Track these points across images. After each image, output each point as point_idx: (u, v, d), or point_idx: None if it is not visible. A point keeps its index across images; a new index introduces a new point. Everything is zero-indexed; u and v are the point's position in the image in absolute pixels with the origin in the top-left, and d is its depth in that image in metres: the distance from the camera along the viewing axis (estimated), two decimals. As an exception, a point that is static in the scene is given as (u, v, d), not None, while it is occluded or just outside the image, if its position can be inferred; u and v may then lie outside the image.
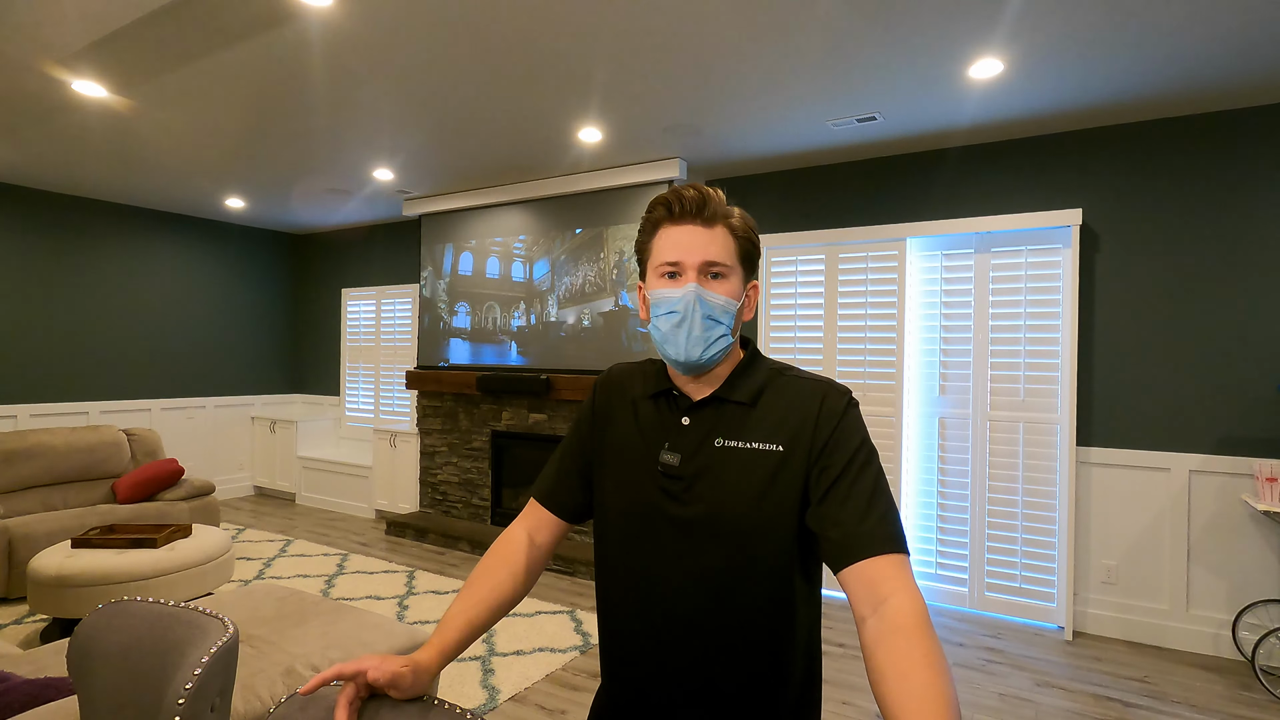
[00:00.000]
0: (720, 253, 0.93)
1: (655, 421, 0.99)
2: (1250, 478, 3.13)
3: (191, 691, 1.05)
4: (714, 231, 0.93)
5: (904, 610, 0.77)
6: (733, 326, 0.95)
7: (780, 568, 0.91)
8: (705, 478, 0.92)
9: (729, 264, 0.94)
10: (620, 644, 0.99)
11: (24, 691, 1.54)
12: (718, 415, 0.95)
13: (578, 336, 4.60)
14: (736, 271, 0.95)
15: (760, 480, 0.90)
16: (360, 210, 5.79)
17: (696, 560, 0.92)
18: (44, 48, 2.72)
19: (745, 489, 0.90)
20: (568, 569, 4.29)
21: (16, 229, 4.99)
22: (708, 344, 0.93)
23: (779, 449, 0.91)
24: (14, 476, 4.05)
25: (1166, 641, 3.30)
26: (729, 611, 0.91)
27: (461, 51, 2.74)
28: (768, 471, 0.90)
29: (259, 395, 6.67)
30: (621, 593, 0.98)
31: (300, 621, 2.30)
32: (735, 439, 0.93)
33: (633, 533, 0.97)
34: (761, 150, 3.95)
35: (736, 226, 0.95)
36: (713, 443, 0.93)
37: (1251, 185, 3.16)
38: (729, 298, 0.93)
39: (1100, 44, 2.59)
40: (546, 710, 2.65)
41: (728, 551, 0.90)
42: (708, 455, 0.93)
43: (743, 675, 0.91)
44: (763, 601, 0.91)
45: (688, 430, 0.96)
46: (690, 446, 0.94)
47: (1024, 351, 3.58)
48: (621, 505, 0.99)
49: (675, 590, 0.93)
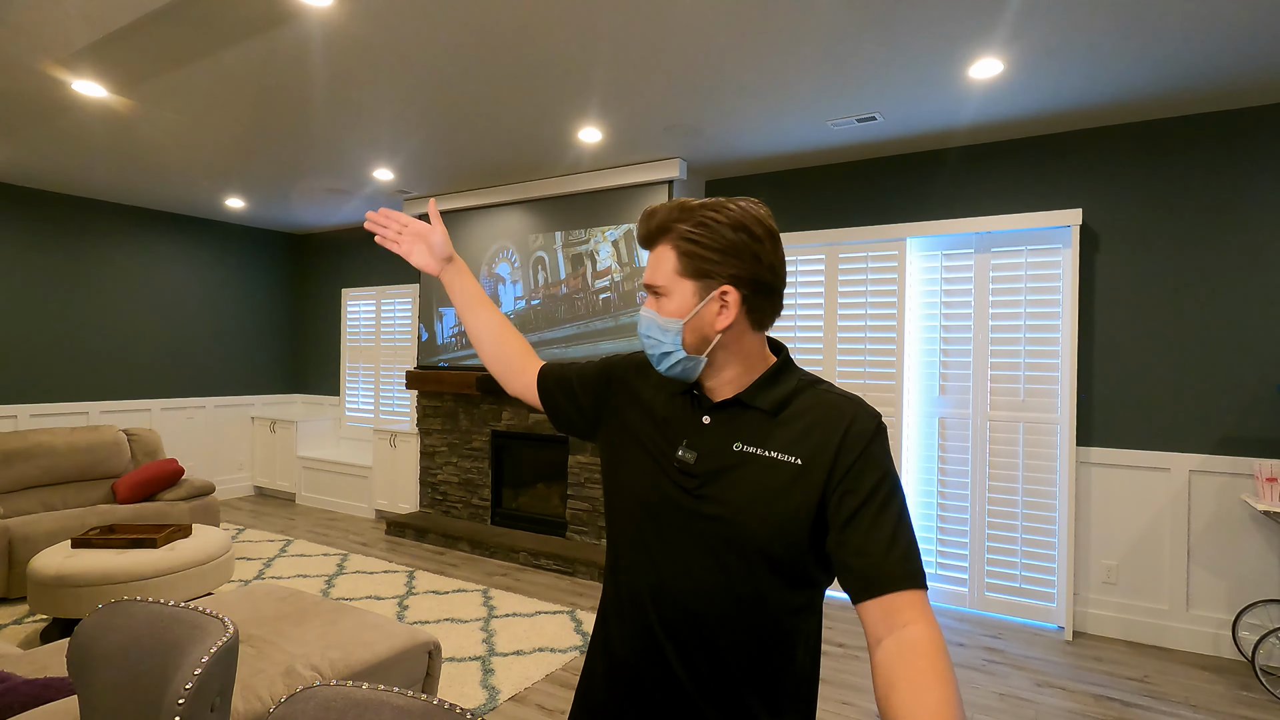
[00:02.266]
0: (656, 273, 0.94)
1: (676, 416, 0.99)
2: (1250, 478, 3.13)
3: (191, 691, 1.05)
4: (656, 253, 0.95)
5: (923, 636, 0.79)
6: (681, 341, 0.93)
7: (783, 575, 0.90)
8: (720, 480, 0.92)
9: (665, 282, 0.93)
10: (619, 611, 1.00)
11: (24, 691, 1.54)
12: (739, 420, 0.94)
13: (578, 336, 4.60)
14: (679, 287, 0.92)
15: (774, 490, 0.89)
16: (360, 210, 5.79)
17: (701, 556, 0.92)
18: (44, 48, 2.72)
19: (758, 496, 0.90)
20: (568, 569, 4.29)
21: (17, 229, 4.99)
22: (657, 359, 0.96)
23: (798, 462, 0.89)
24: (14, 476, 4.05)
25: (1166, 641, 3.30)
26: (728, 609, 0.91)
27: (462, 51, 2.74)
28: (783, 483, 0.89)
29: (259, 395, 6.67)
30: (627, 575, 1.00)
31: (300, 621, 2.30)
32: (755, 445, 0.92)
33: (643, 519, 0.98)
34: (761, 150, 3.95)
35: (678, 239, 0.91)
36: (732, 446, 0.93)
37: (1251, 185, 3.16)
38: (669, 316, 0.93)
39: (1100, 44, 2.59)
40: (546, 710, 2.65)
41: (732, 552, 0.91)
42: (725, 457, 0.93)
43: (736, 669, 0.91)
44: (762, 603, 0.91)
45: (707, 430, 0.96)
46: (708, 446, 0.94)
47: (1024, 351, 3.58)
48: (635, 491, 1.00)
49: (679, 580, 0.93)
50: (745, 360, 0.95)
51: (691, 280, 0.91)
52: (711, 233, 0.89)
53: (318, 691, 0.88)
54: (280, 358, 6.88)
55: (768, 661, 0.92)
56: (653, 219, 0.94)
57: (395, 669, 2.17)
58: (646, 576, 0.96)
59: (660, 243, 0.94)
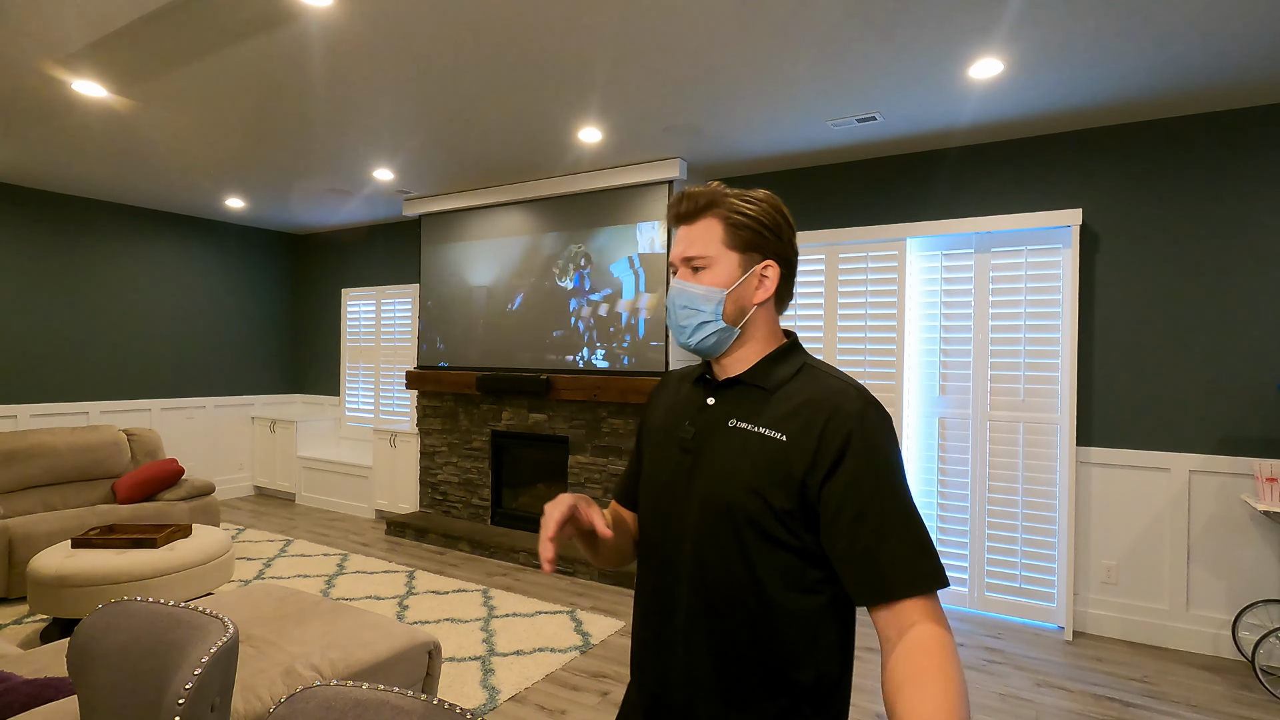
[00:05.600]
0: (701, 246, 0.96)
1: (686, 400, 1.03)
2: (1250, 478, 3.13)
3: (191, 691, 1.05)
4: (696, 226, 0.97)
5: (926, 634, 0.78)
6: (722, 311, 0.95)
7: (772, 559, 0.88)
8: (708, 454, 0.94)
9: (712, 253, 0.95)
10: (640, 608, 1.03)
11: (24, 691, 1.54)
12: (739, 397, 0.96)
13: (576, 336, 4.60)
14: (725, 258, 0.95)
15: (755, 465, 0.89)
16: (360, 210, 5.79)
17: (697, 534, 0.93)
18: (44, 48, 2.72)
19: (740, 470, 0.90)
20: (568, 569, 4.29)
21: (16, 229, 4.99)
22: (691, 330, 0.97)
23: (782, 439, 0.89)
24: (14, 476, 4.05)
25: (1166, 641, 3.30)
26: (720, 595, 0.90)
27: (462, 51, 2.74)
28: (766, 458, 0.89)
29: (259, 395, 6.67)
30: (643, 560, 1.03)
31: (300, 621, 2.30)
32: (747, 421, 0.93)
33: (654, 505, 1.01)
34: (761, 150, 3.95)
35: (728, 213, 0.95)
36: (727, 422, 0.95)
37: (1251, 185, 3.16)
38: (711, 286, 0.95)
39: (1100, 44, 2.59)
40: (546, 710, 2.65)
41: (721, 529, 0.91)
42: (718, 433, 0.95)
43: (741, 661, 0.90)
44: (760, 591, 0.89)
45: (710, 409, 0.98)
46: (707, 423, 0.97)
47: (1024, 351, 3.58)
48: (648, 476, 1.03)
49: (682, 562, 0.95)
50: (765, 338, 0.99)
51: (738, 252, 0.95)
52: (759, 210, 0.96)
53: (318, 691, 0.88)
54: (280, 358, 6.88)
55: (771, 658, 0.89)
56: (699, 195, 0.97)
57: (395, 669, 2.17)
58: (660, 553, 0.98)
59: (706, 216, 0.96)
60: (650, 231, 4.29)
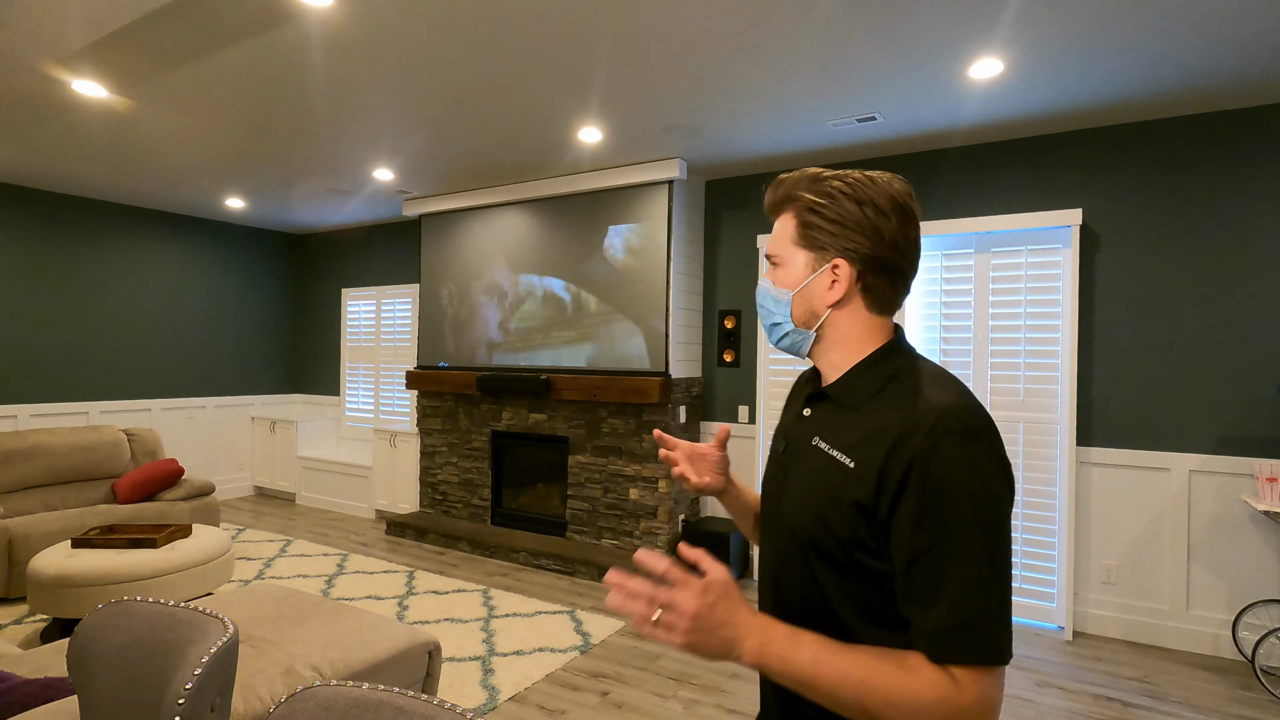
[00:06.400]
0: (776, 243, 0.92)
1: (795, 406, 0.98)
2: (1250, 478, 3.13)
3: (191, 691, 1.05)
4: (779, 221, 0.92)
5: (940, 684, 0.71)
6: (790, 314, 0.90)
7: (844, 585, 0.81)
8: (791, 473, 0.89)
9: (781, 251, 0.91)
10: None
11: (24, 691, 1.54)
12: (828, 412, 0.88)
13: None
14: (795, 256, 0.89)
15: (822, 492, 0.82)
16: (360, 210, 5.79)
17: (778, 557, 0.90)
18: (44, 48, 2.72)
19: (810, 496, 0.84)
20: (568, 569, 4.29)
21: (16, 229, 4.99)
22: (769, 330, 0.94)
23: (850, 465, 0.80)
24: (14, 476, 4.05)
25: (1166, 641, 3.30)
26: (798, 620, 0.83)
27: (462, 52, 2.74)
28: (833, 485, 0.81)
29: (259, 395, 6.67)
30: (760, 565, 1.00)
31: (300, 621, 2.30)
32: (827, 441, 0.85)
33: (761, 515, 0.99)
34: (761, 150, 3.95)
35: (802, 208, 0.88)
36: (812, 440, 0.88)
37: (1251, 185, 3.16)
38: (778, 285, 0.91)
39: (1100, 44, 2.59)
40: (546, 710, 2.65)
41: (790, 553, 0.86)
42: (803, 451, 0.89)
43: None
44: (829, 618, 0.83)
45: (805, 421, 0.92)
46: (799, 438, 0.91)
47: (1024, 351, 3.57)
48: (763, 482, 1.00)
49: (767, 580, 0.93)
50: (856, 343, 0.88)
51: (806, 251, 0.88)
52: (834, 203, 0.85)
53: (318, 691, 0.88)
54: (280, 358, 6.88)
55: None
56: (780, 187, 0.91)
57: (395, 669, 2.17)
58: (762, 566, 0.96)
59: (784, 211, 0.91)
60: (649, 230, 4.29)
